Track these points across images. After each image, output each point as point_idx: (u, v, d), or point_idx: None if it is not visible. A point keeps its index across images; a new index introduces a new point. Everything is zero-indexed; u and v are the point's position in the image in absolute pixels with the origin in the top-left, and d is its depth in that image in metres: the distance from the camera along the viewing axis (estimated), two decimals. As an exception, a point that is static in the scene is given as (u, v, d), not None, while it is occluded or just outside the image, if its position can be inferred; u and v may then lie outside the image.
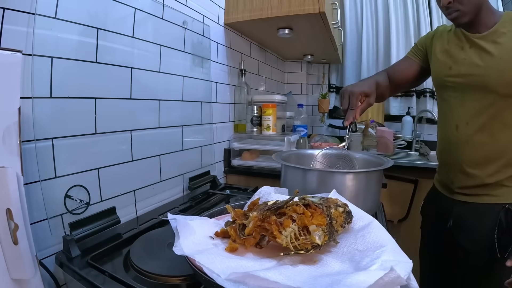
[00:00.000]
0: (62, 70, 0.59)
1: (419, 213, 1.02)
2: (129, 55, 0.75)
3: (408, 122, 1.80)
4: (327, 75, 2.17)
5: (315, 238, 0.40)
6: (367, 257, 0.38)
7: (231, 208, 0.50)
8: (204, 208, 0.88)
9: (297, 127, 1.60)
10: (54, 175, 0.58)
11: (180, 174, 0.96)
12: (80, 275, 0.51)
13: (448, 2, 0.72)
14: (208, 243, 0.45)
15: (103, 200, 0.69)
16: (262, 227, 0.43)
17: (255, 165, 1.23)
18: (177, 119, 0.94)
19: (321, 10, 1.03)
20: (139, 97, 0.79)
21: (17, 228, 0.43)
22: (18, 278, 0.44)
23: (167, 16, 0.87)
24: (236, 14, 1.17)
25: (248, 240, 0.43)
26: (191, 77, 0.99)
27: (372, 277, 0.31)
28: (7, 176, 0.42)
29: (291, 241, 0.40)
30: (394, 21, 1.88)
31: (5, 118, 0.44)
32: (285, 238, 0.40)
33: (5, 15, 0.50)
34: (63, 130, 0.60)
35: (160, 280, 0.48)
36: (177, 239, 0.44)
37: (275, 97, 1.32)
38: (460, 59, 0.78)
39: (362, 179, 0.69)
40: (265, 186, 0.59)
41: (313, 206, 0.44)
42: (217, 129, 1.18)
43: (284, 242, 0.40)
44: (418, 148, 1.71)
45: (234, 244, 0.43)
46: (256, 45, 1.55)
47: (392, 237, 0.44)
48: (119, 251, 0.59)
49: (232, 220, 0.48)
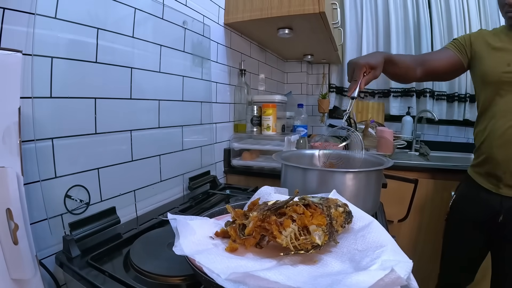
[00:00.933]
0: (62, 70, 0.59)
1: (419, 214, 1.02)
2: (129, 55, 0.75)
3: (408, 122, 1.80)
4: (327, 75, 2.17)
5: (315, 238, 0.40)
6: (367, 257, 0.38)
7: (231, 208, 0.50)
8: (204, 208, 0.88)
9: (297, 127, 1.60)
10: (54, 175, 0.58)
11: (180, 174, 0.96)
12: (80, 275, 0.51)
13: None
14: (208, 243, 0.45)
15: (103, 200, 0.69)
16: (262, 227, 0.43)
17: (255, 165, 1.23)
18: (177, 119, 0.94)
19: (321, 10, 1.03)
20: (139, 97, 0.79)
21: (17, 228, 0.43)
22: (18, 278, 0.44)
23: (167, 16, 0.87)
24: (236, 14, 1.17)
25: (248, 240, 0.43)
26: (191, 77, 0.99)
27: (372, 278, 0.31)
28: (7, 176, 0.42)
29: (291, 241, 0.40)
30: (394, 21, 1.88)
31: (5, 118, 0.44)
32: (285, 238, 0.40)
33: (5, 15, 0.49)
34: (63, 130, 0.60)
35: (160, 280, 0.48)
36: (177, 239, 0.44)
37: (275, 97, 1.32)
38: None
39: (362, 179, 0.69)
40: (265, 186, 0.59)
41: (313, 206, 0.44)
42: (217, 129, 1.18)
43: (284, 242, 0.40)
44: (418, 148, 1.71)
45: (234, 244, 0.43)
46: (256, 45, 1.55)
47: (392, 237, 0.44)
48: (119, 251, 0.59)
49: (232, 220, 0.48)
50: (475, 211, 0.92)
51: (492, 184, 0.87)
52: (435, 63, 0.94)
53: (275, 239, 0.41)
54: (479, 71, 0.90)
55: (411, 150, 1.72)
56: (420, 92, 1.88)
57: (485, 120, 0.89)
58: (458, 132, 1.86)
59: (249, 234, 0.43)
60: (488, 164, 0.88)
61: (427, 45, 1.83)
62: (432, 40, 1.82)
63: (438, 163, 1.39)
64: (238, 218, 0.46)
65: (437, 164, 1.37)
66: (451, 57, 0.93)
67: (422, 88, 1.85)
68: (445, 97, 1.85)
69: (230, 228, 0.46)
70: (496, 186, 0.86)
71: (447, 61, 0.93)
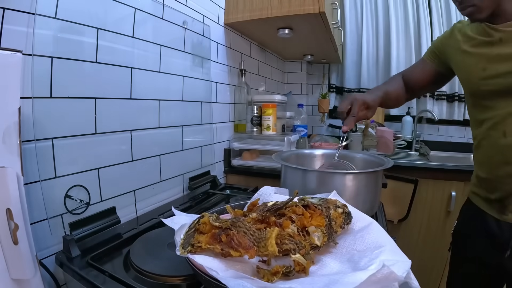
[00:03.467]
0: (62, 70, 0.59)
1: (419, 214, 0.99)
2: (129, 55, 0.75)
3: (408, 122, 1.80)
4: (327, 75, 2.17)
5: (314, 239, 0.40)
6: (365, 257, 0.38)
7: (231, 209, 0.50)
8: (204, 208, 0.88)
9: (297, 127, 1.60)
10: (54, 175, 0.58)
11: (180, 174, 0.96)
12: (80, 275, 0.51)
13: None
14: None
15: (103, 200, 0.69)
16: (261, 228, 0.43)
17: (255, 165, 1.23)
18: (177, 119, 0.94)
19: (321, 10, 1.03)
20: (139, 97, 0.79)
21: (17, 228, 0.43)
22: (18, 278, 0.44)
23: (167, 16, 0.87)
24: (236, 14, 1.17)
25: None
26: (191, 77, 0.99)
27: (365, 274, 0.31)
28: (7, 176, 0.42)
29: (291, 241, 0.40)
30: (394, 21, 1.88)
31: (5, 118, 0.44)
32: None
33: (5, 15, 0.50)
34: (63, 130, 0.60)
35: (160, 280, 0.48)
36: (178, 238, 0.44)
37: (275, 97, 1.32)
38: (493, 56, 0.66)
39: (362, 180, 0.69)
40: (266, 186, 0.59)
41: (312, 207, 0.44)
42: (217, 129, 1.18)
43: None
44: (418, 148, 1.71)
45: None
46: (256, 45, 1.55)
47: (392, 237, 0.44)
48: (119, 251, 0.59)
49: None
50: (483, 244, 0.76)
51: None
52: (415, 81, 0.88)
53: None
54: (460, 81, 0.79)
55: (411, 150, 1.72)
56: (420, 92, 1.88)
57: (478, 140, 0.76)
58: (458, 132, 1.86)
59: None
60: (486, 186, 0.75)
61: (427, 45, 1.83)
62: (432, 40, 1.82)
63: (438, 163, 1.39)
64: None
65: (437, 164, 1.37)
66: (427, 70, 0.86)
67: (422, 88, 1.85)
68: (445, 97, 1.85)
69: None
70: (499, 212, 0.71)
71: (426, 76, 0.87)
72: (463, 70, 0.75)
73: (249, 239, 0.37)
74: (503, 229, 0.69)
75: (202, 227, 0.40)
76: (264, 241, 0.36)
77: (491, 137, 0.70)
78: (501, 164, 0.68)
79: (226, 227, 0.38)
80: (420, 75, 0.88)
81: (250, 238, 0.37)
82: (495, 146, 0.69)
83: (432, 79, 0.86)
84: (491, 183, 0.72)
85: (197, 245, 0.37)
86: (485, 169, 0.74)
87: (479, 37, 0.69)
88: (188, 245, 0.38)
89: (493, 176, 0.71)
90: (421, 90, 0.92)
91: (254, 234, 0.37)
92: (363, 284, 0.30)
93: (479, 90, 0.70)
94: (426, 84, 0.88)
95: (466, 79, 0.74)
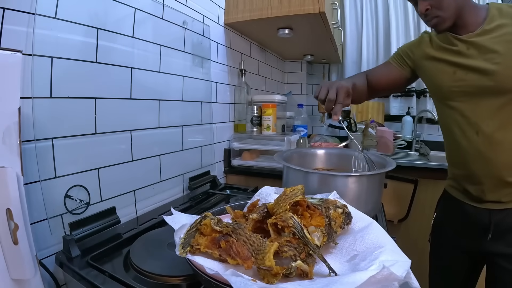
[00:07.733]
0: (62, 70, 0.59)
1: (419, 214, 1.00)
2: (129, 55, 0.75)
3: (408, 122, 1.80)
4: (327, 75, 2.17)
5: (314, 239, 0.40)
6: (365, 257, 0.38)
7: (230, 209, 0.50)
8: (204, 208, 0.88)
9: (297, 127, 1.60)
10: (54, 175, 0.58)
11: (180, 174, 0.96)
12: (80, 275, 0.51)
13: (426, 9, 0.69)
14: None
15: (103, 200, 0.69)
16: (261, 228, 0.43)
17: (255, 165, 1.23)
18: (177, 119, 0.94)
19: (321, 10, 1.03)
20: (139, 97, 0.79)
21: (17, 228, 0.43)
22: (18, 278, 0.44)
23: (167, 16, 0.87)
24: (236, 14, 1.17)
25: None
26: (191, 77, 0.99)
27: (365, 275, 0.31)
28: (7, 176, 0.42)
29: (291, 241, 0.40)
30: (394, 21, 1.88)
31: (5, 118, 0.44)
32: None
33: (5, 15, 0.50)
34: (63, 130, 0.60)
35: (160, 280, 0.48)
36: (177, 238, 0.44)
37: (275, 97, 1.32)
38: (460, 63, 0.72)
39: (364, 182, 0.69)
40: (266, 187, 0.59)
41: (312, 207, 0.44)
42: (217, 129, 1.18)
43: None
44: (418, 148, 1.71)
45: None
46: (256, 45, 1.55)
47: (392, 237, 0.44)
48: (119, 251, 0.59)
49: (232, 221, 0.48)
50: (463, 231, 0.82)
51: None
52: (378, 82, 0.90)
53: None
54: (428, 87, 0.85)
55: (411, 150, 1.72)
56: (420, 92, 1.88)
57: (448, 139, 0.82)
58: (458, 132, 1.86)
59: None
60: (463, 181, 0.80)
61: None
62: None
63: (438, 163, 1.38)
64: (238, 220, 0.46)
65: (437, 164, 1.37)
66: (392, 73, 0.89)
67: (422, 88, 1.85)
68: (445, 97, 1.85)
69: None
70: (478, 202, 0.76)
71: (390, 78, 0.89)
72: (433, 74, 0.79)
73: (248, 249, 0.37)
74: (482, 215, 0.75)
75: (203, 228, 0.40)
76: (262, 254, 0.36)
77: (463, 137, 0.74)
78: (475, 161, 0.73)
79: (227, 233, 0.38)
80: (384, 76, 0.91)
81: (249, 248, 0.37)
82: (468, 145, 0.74)
83: (395, 82, 0.90)
84: (467, 178, 0.77)
85: (196, 247, 0.37)
86: (460, 166, 0.79)
87: (447, 46, 0.75)
88: (188, 246, 0.38)
89: (468, 172, 0.76)
90: (382, 91, 0.95)
91: (253, 245, 0.37)
92: (363, 285, 0.30)
93: (450, 91, 0.75)
94: (388, 86, 0.92)
95: (437, 82, 0.78)
